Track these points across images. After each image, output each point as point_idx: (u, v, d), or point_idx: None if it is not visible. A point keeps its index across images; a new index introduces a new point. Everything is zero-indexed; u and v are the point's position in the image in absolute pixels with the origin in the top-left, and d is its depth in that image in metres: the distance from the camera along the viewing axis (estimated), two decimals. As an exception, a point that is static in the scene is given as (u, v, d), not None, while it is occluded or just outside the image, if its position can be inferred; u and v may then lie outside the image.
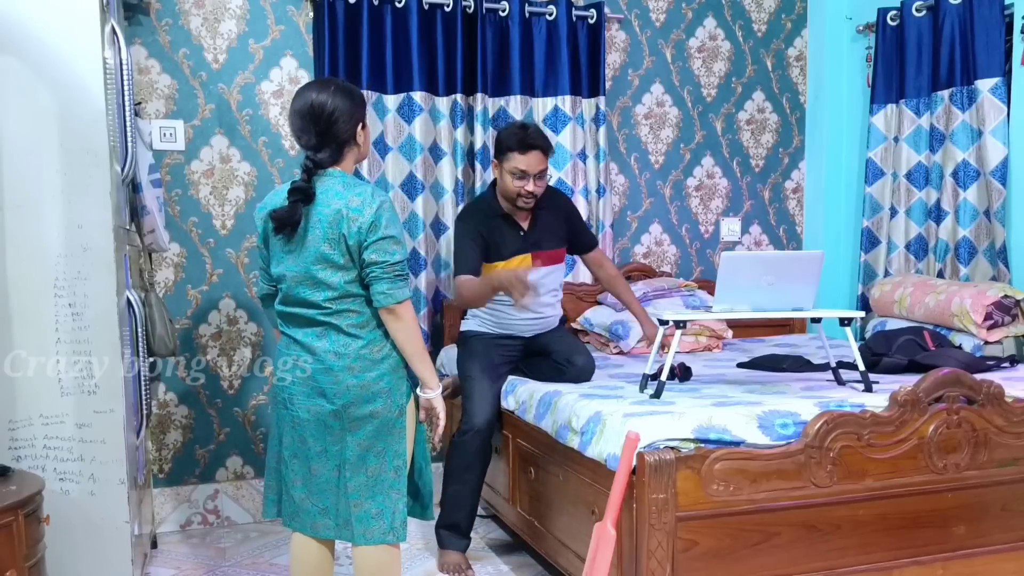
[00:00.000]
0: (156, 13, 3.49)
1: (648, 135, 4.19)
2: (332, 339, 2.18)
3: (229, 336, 3.64)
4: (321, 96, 2.16)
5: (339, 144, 2.19)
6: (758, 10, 4.31)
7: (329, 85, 2.20)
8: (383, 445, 2.20)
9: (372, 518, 2.21)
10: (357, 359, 2.17)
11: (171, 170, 3.54)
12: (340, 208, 2.12)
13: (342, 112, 2.17)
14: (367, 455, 2.19)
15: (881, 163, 3.98)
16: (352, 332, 2.17)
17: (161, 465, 3.58)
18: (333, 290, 2.15)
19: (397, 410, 2.21)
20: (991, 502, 2.42)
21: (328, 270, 2.14)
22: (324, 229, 2.12)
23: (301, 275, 2.17)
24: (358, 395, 2.17)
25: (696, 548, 2.17)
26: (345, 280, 2.15)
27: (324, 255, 2.13)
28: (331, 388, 2.17)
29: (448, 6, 3.69)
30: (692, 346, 3.64)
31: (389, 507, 2.21)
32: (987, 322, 3.16)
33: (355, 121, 2.21)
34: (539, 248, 3.06)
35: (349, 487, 2.20)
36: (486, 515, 3.62)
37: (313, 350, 2.19)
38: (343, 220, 2.11)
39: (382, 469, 2.20)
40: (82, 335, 2.40)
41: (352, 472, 2.19)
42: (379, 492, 2.21)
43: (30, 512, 2.08)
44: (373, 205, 2.12)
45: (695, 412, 2.26)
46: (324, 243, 2.13)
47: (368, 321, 2.19)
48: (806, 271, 2.54)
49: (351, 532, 2.22)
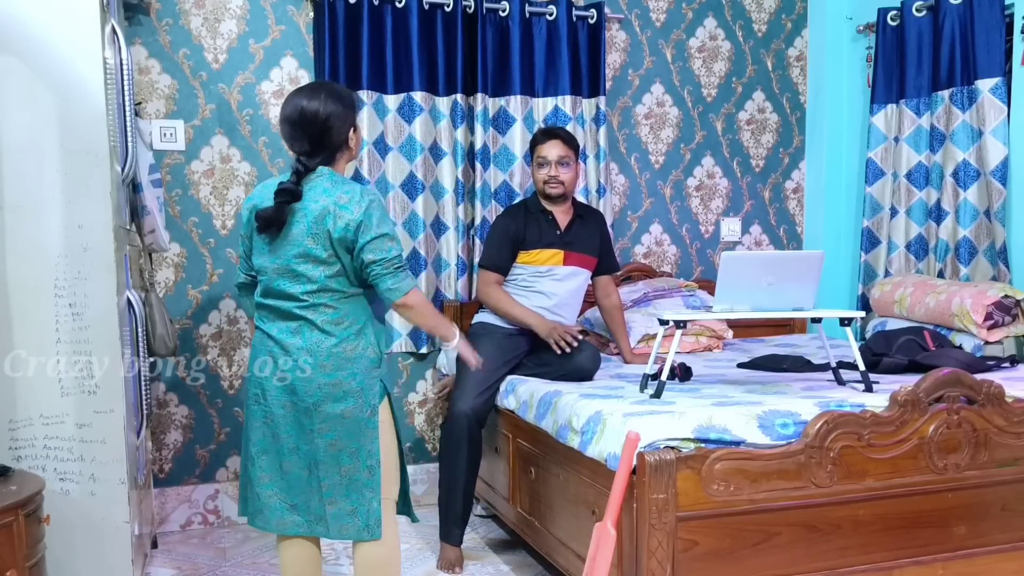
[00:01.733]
0: (156, 13, 3.49)
1: (648, 135, 4.19)
2: (306, 335, 2.19)
3: (229, 336, 3.64)
4: (312, 103, 2.16)
5: (332, 149, 2.22)
6: (758, 10, 4.31)
7: (319, 91, 2.20)
8: (356, 445, 2.21)
9: (347, 515, 2.23)
10: (329, 357, 2.18)
11: (171, 170, 3.54)
12: (327, 204, 2.14)
13: (336, 119, 2.18)
14: (340, 455, 2.21)
15: (881, 163, 3.98)
16: (326, 329, 2.18)
17: (161, 465, 3.58)
18: (312, 283, 2.17)
19: (369, 410, 2.22)
20: (991, 502, 2.42)
21: (309, 264, 2.16)
22: (309, 224, 2.15)
23: (282, 267, 2.19)
24: (329, 393, 2.18)
25: (696, 548, 2.17)
26: (325, 275, 2.17)
27: (307, 249, 2.15)
28: (302, 386, 2.19)
29: (448, 6, 3.69)
30: (692, 346, 3.64)
31: (363, 505, 2.23)
32: (987, 322, 3.16)
33: (348, 125, 2.23)
34: (571, 248, 3.21)
35: (323, 486, 2.22)
36: (486, 515, 3.62)
37: (286, 347, 2.20)
38: (329, 216, 2.13)
39: (356, 469, 2.22)
40: (82, 335, 2.40)
41: (326, 472, 2.21)
42: (353, 491, 2.22)
43: (30, 512, 2.07)
44: (362, 204, 2.14)
45: (695, 412, 2.26)
46: (308, 237, 2.15)
47: (343, 319, 2.20)
48: (806, 271, 2.54)
49: (325, 528, 2.25)
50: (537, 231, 3.19)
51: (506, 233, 3.17)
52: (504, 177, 3.86)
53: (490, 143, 3.81)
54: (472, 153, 3.81)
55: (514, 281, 3.20)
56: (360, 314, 2.24)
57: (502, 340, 3.12)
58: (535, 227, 3.19)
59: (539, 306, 3.15)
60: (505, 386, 3.08)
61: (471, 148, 3.82)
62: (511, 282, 3.20)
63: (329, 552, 3.28)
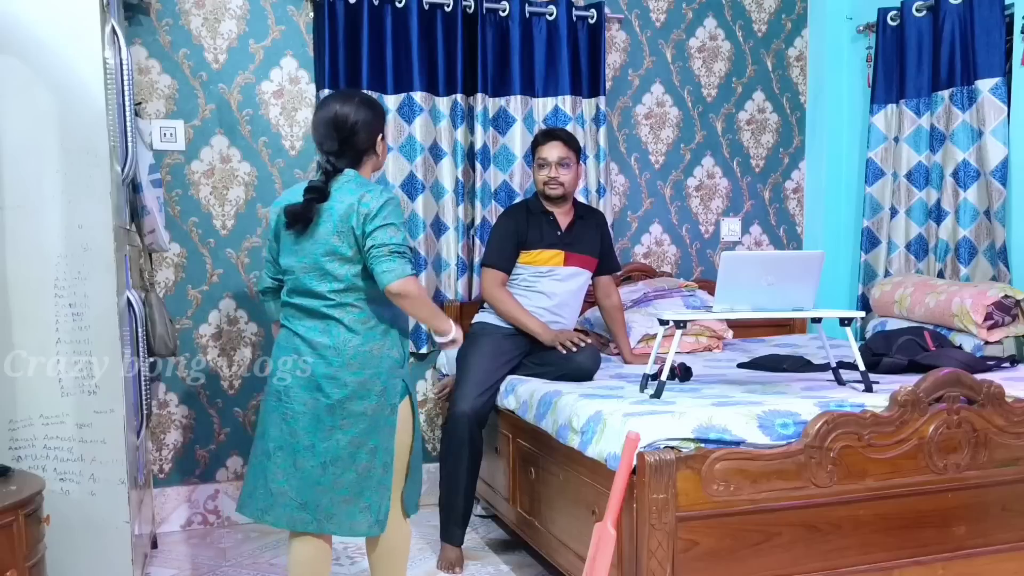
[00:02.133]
0: (156, 13, 3.49)
1: (648, 135, 4.19)
2: (333, 334, 2.26)
3: (229, 336, 3.64)
4: (345, 108, 2.30)
5: (358, 152, 2.34)
6: (758, 10, 4.31)
7: (353, 97, 2.35)
8: (375, 442, 2.28)
9: (360, 512, 2.28)
10: (356, 355, 2.25)
11: (171, 170, 3.54)
12: (352, 203, 2.23)
13: (363, 123, 2.31)
14: (358, 452, 2.26)
15: (881, 163, 3.98)
16: (353, 328, 2.26)
17: (161, 465, 3.59)
18: (339, 282, 2.25)
19: (389, 408, 2.29)
20: (991, 502, 2.42)
21: (336, 262, 2.25)
22: (335, 223, 2.23)
23: (310, 265, 2.27)
24: (354, 391, 2.25)
25: (696, 548, 2.17)
26: (351, 273, 2.25)
27: (333, 247, 2.24)
28: (328, 383, 2.25)
29: (448, 6, 3.69)
30: (692, 346, 3.64)
31: (376, 502, 2.29)
32: (987, 322, 3.16)
33: (375, 132, 2.36)
34: (572, 249, 3.22)
35: (337, 483, 2.26)
36: (486, 515, 3.62)
37: (314, 345, 2.27)
38: (353, 214, 2.22)
39: (372, 466, 2.28)
40: (82, 335, 2.40)
41: (343, 468, 2.26)
42: (368, 487, 2.28)
43: (30, 512, 2.07)
44: (380, 200, 2.24)
45: (695, 412, 2.26)
46: (334, 235, 2.24)
47: (369, 318, 2.28)
48: (806, 271, 2.54)
49: (335, 525, 2.28)
50: (538, 231, 3.19)
51: (509, 232, 3.17)
52: (504, 177, 3.86)
53: (490, 143, 3.81)
54: (472, 153, 3.81)
55: (515, 281, 3.20)
56: (386, 314, 2.30)
57: (502, 340, 3.12)
58: (536, 227, 3.19)
59: (540, 306, 3.16)
60: (505, 386, 3.08)
61: (471, 148, 3.82)
62: (511, 282, 3.20)
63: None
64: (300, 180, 3.66)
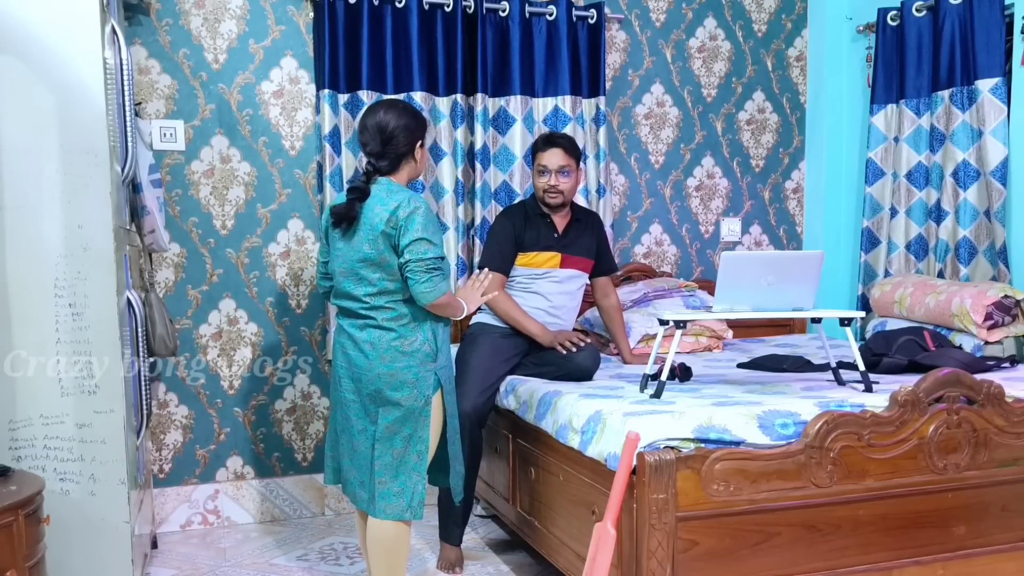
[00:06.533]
0: (156, 13, 3.49)
1: (648, 135, 4.19)
2: (370, 331, 2.47)
3: (229, 336, 3.64)
4: (388, 115, 2.50)
5: (397, 156, 2.51)
6: (758, 10, 4.31)
7: (397, 104, 2.55)
8: (410, 431, 2.46)
9: (394, 495, 2.45)
10: (388, 350, 2.45)
11: (171, 170, 3.54)
12: (382, 212, 2.41)
13: (402, 130, 2.49)
14: (394, 438, 2.45)
15: (881, 163, 3.98)
16: (387, 326, 2.45)
17: (161, 465, 3.59)
18: (372, 286, 2.45)
19: (423, 400, 2.47)
20: (991, 502, 2.42)
21: (368, 268, 2.44)
22: (367, 231, 2.42)
23: (347, 270, 2.48)
24: (387, 382, 2.44)
25: (696, 548, 2.17)
26: (382, 278, 2.44)
27: (366, 255, 2.43)
28: (365, 375, 2.46)
29: (448, 6, 3.69)
30: (692, 346, 3.64)
31: (409, 487, 2.46)
32: (987, 322, 3.16)
33: (414, 139, 2.53)
34: (568, 251, 3.22)
35: (376, 465, 2.46)
36: (486, 515, 3.62)
37: (355, 340, 2.49)
38: (383, 223, 2.40)
39: (407, 452, 2.46)
40: (82, 335, 2.40)
41: (381, 450, 2.46)
42: (402, 472, 2.46)
43: (30, 512, 2.07)
44: (408, 208, 2.40)
45: (695, 412, 2.26)
46: (366, 243, 2.42)
47: (402, 316, 2.47)
48: (806, 271, 2.54)
49: (375, 508, 2.47)
50: (535, 233, 3.19)
51: (507, 234, 3.17)
52: (504, 177, 3.86)
53: (490, 143, 3.82)
54: (472, 153, 3.81)
55: (512, 283, 3.20)
56: (418, 312, 2.48)
57: (501, 340, 3.12)
58: (533, 229, 3.19)
59: (537, 307, 3.16)
60: (505, 386, 3.08)
61: (471, 148, 3.82)
62: (509, 283, 3.20)
63: (329, 552, 3.28)
64: (300, 180, 3.68)
